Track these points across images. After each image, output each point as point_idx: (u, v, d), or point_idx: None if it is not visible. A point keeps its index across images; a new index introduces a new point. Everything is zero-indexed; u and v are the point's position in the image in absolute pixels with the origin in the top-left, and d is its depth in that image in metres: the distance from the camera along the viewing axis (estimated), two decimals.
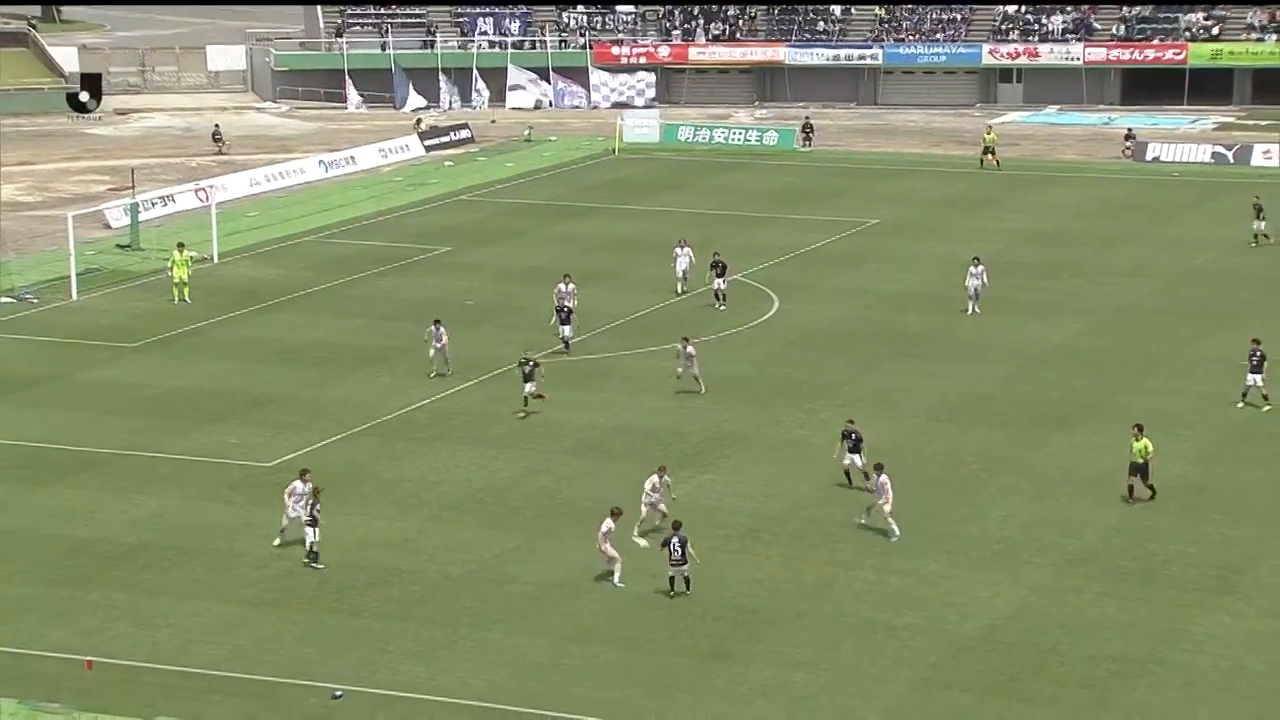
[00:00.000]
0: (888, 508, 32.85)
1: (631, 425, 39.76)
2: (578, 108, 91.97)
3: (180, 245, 51.36)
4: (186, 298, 49.85)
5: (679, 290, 51.30)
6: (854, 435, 35.40)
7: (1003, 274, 54.19)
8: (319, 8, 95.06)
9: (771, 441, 38.50)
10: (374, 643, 28.57)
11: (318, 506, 31.43)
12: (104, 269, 53.85)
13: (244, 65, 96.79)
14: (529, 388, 39.75)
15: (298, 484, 32.14)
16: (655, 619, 29.59)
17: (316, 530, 31.34)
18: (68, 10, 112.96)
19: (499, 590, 30.69)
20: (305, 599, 30.23)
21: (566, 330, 45.00)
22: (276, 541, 32.23)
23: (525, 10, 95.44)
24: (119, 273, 53.37)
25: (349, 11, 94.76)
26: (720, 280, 49.98)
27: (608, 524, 30.79)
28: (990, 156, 73.30)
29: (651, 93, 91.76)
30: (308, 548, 31.39)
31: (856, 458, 35.24)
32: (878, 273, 55.30)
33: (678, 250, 51.98)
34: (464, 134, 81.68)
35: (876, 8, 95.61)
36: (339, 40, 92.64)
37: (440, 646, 28.47)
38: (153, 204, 62.04)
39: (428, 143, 79.43)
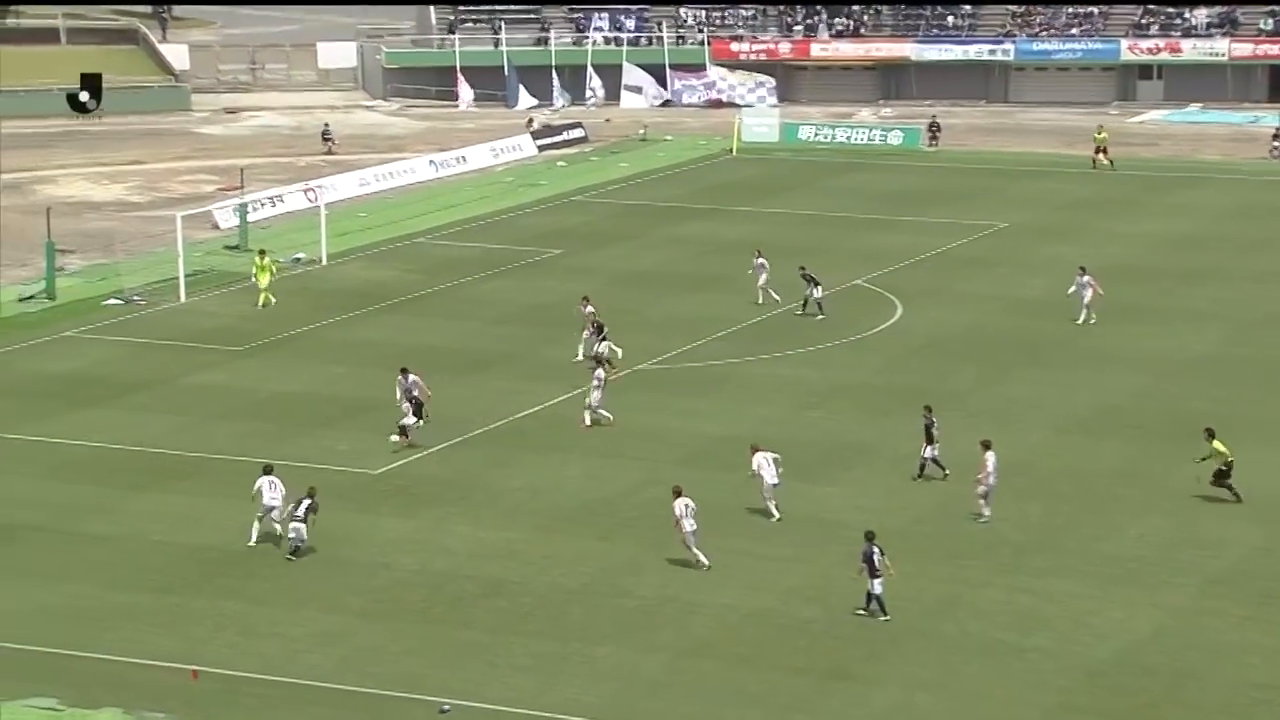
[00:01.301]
0: (980, 489, 32.72)
1: (745, 435, 39.55)
2: (694, 106, 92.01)
3: (261, 251, 52.13)
4: (270, 302, 50.52)
5: (759, 300, 50.39)
6: (930, 426, 35.82)
7: (1140, 280, 53.45)
8: (431, 5, 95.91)
9: (893, 453, 38.24)
10: (482, 656, 28.76)
11: (303, 507, 32.14)
12: (212, 270, 54.76)
13: (355, 63, 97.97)
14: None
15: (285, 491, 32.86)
16: (771, 635, 29.50)
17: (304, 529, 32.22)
18: (179, 9, 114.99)
19: (610, 604, 30.77)
20: (413, 610, 30.53)
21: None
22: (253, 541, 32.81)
23: (642, 6, 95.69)
24: (227, 274, 54.27)
25: (462, 8, 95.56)
26: (815, 289, 49.32)
27: (678, 506, 31.33)
28: (1102, 155, 72.32)
29: (771, 96, 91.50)
30: (291, 547, 32.21)
31: (931, 449, 35.77)
32: (1006, 278, 54.72)
33: (759, 261, 51.07)
34: (577, 133, 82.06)
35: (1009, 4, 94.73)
36: (451, 37, 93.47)
37: (550, 661, 28.60)
38: (261, 204, 63.03)
39: (540, 142, 79.89)
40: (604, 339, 43.76)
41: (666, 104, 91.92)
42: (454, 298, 52.58)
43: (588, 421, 39.71)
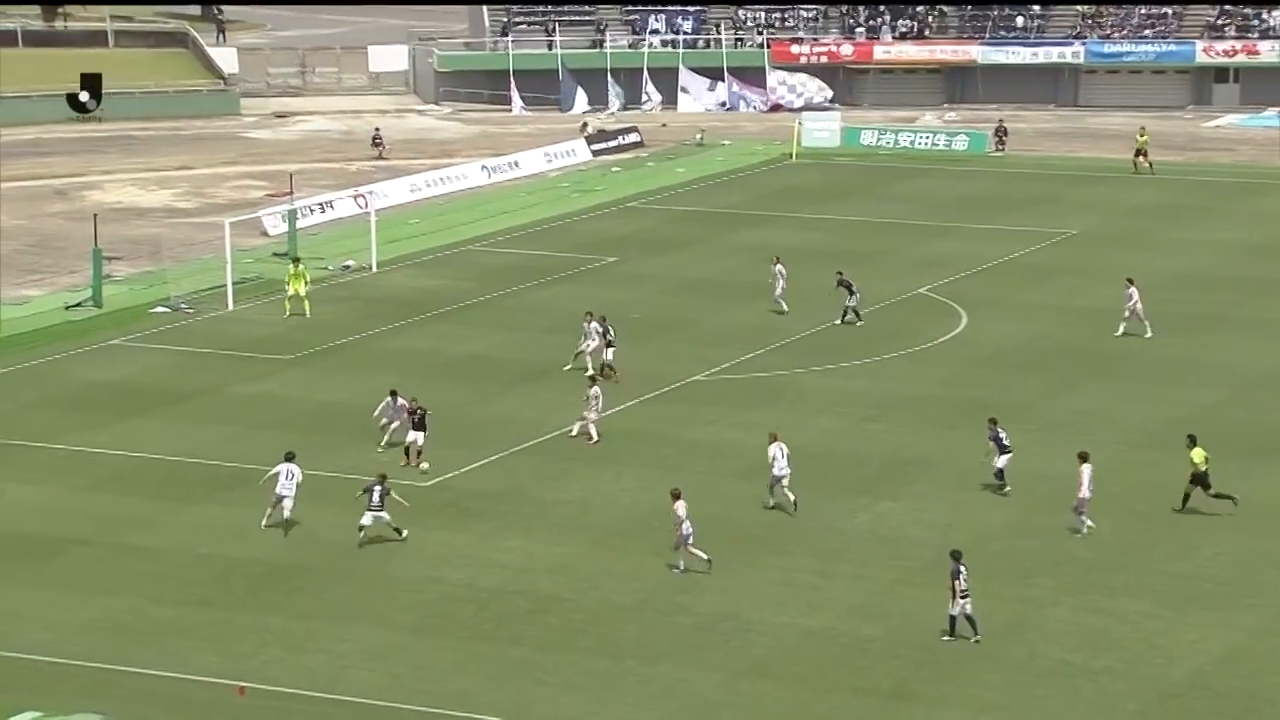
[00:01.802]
0: (1074, 502, 32.56)
1: (805, 448, 39.45)
2: (752, 110, 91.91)
3: (296, 259, 52.32)
4: (307, 312, 50.66)
5: (783, 310, 50.21)
6: (998, 436, 36.07)
7: (1213, 289, 52.93)
8: (484, 6, 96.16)
9: (958, 467, 37.99)
10: (533, 673, 28.73)
11: (377, 494, 33.37)
12: (260, 278, 55.04)
13: (406, 66, 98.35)
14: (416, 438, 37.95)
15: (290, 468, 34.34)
16: (832, 655, 29.34)
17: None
18: (228, 9, 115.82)
19: (666, 621, 30.68)
20: (462, 626, 30.54)
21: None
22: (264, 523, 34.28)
23: (699, 8, 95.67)
24: (276, 282, 54.50)
25: (515, 10, 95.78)
26: (852, 297, 49.24)
27: (678, 510, 32.05)
28: (1143, 159, 71.86)
29: (827, 95, 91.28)
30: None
31: (1003, 459, 35.92)
32: (1075, 287, 54.32)
33: (777, 268, 50.90)
34: (633, 138, 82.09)
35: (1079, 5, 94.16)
36: (504, 40, 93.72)
37: (603, 679, 28.53)
38: (311, 210, 63.35)
39: (595, 147, 79.98)
40: (610, 345, 44.03)
41: (724, 107, 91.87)
42: (506, 306, 52.67)
43: (595, 436, 39.40)
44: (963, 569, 29.35)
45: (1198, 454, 34.96)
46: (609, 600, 31.52)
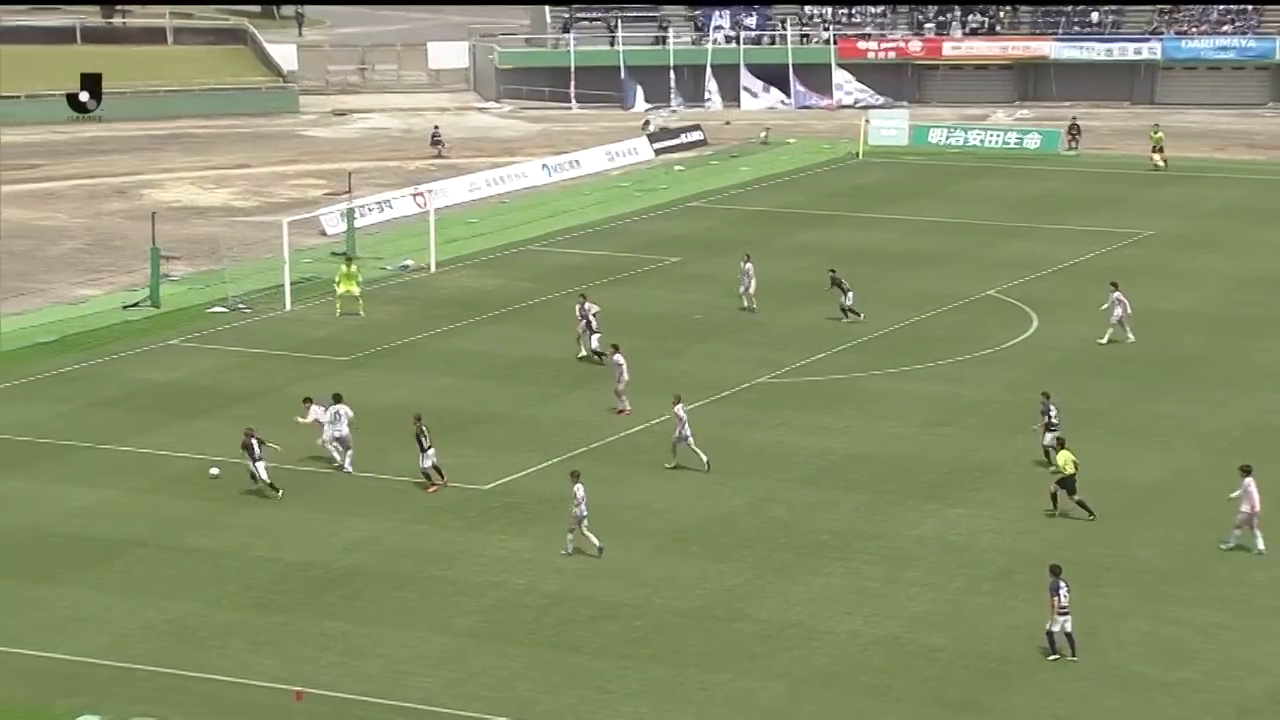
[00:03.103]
0: (1243, 514, 32.63)
1: (872, 452, 39.44)
2: (816, 108, 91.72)
3: (348, 259, 52.61)
4: (361, 311, 50.99)
5: (746, 305, 50.80)
6: (1048, 410, 36.63)
7: None
8: (546, 4, 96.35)
9: (1028, 473, 37.80)
10: (594, 681, 28.81)
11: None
12: (318, 278, 55.40)
13: (466, 63, 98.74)
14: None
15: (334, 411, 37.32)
16: (899, 664, 29.27)
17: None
18: (287, 8, 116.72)
19: (728, 628, 30.71)
20: (522, 631, 30.67)
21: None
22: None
23: (764, 3, 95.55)
24: (334, 282, 54.82)
25: (577, 6, 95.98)
26: (845, 296, 49.49)
27: (577, 491, 33.01)
28: (1158, 156, 71.88)
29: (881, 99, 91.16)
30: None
31: (1050, 436, 36.38)
32: (1150, 290, 53.89)
33: (746, 267, 51.17)
34: (696, 136, 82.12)
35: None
36: (565, 36, 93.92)
37: (665, 687, 28.58)
38: (369, 209, 63.74)
39: (657, 145, 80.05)
40: (595, 333, 45.42)
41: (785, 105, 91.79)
42: (566, 307, 52.69)
43: (627, 407, 40.91)
44: (1063, 585, 29.09)
45: (1064, 457, 35.05)
46: (670, 606, 31.56)
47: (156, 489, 37.65)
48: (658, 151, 79.50)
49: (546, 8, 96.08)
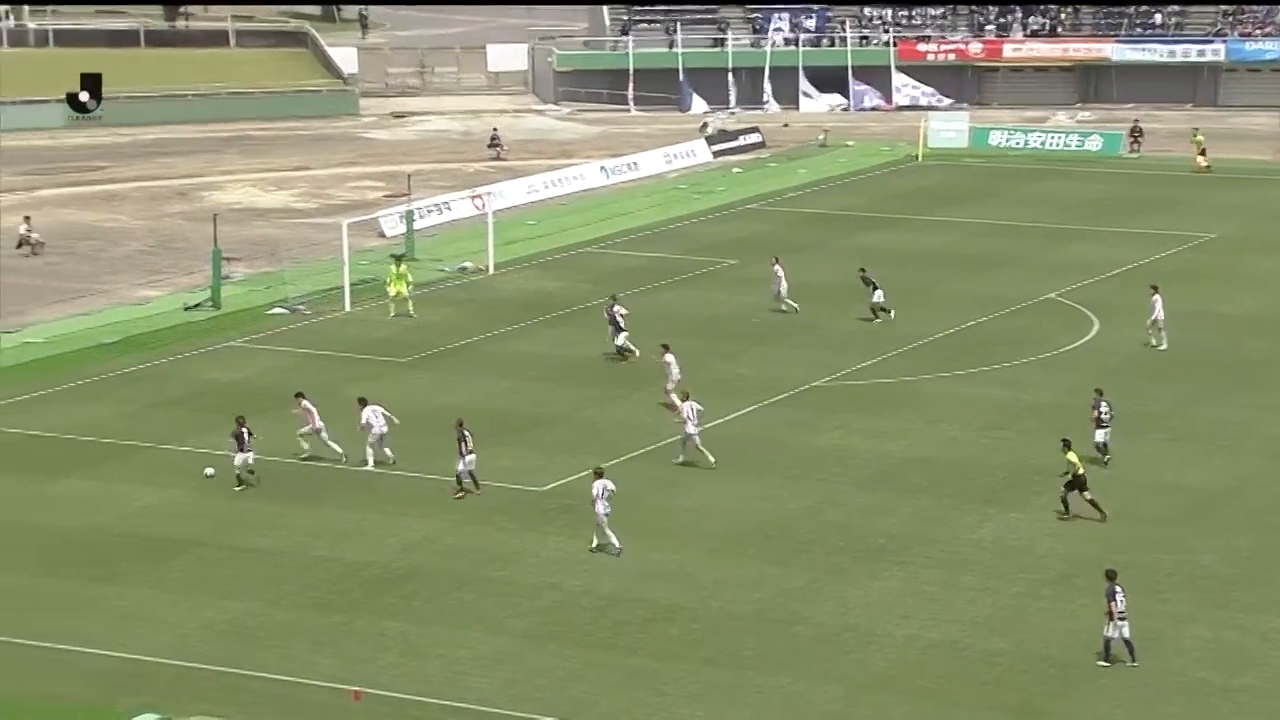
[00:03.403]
0: None
1: (931, 456, 39.32)
2: (876, 109, 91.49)
3: (398, 259, 52.83)
4: (411, 311, 51.24)
5: (783, 309, 51.07)
6: (1099, 404, 37.11)
7: None
8: (604, 6, 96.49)
9: (1088, 477, 37.53)
10: (651, 683, 28.86)
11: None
12: (377, 279, 55.65)
13: (525, 65, 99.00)
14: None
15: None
16: (956, 669, 29.18)
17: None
18: (348, 10, 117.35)
19: (785, 631, 30.70)
20: (579, 633, 30.75)
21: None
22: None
23: (823, 5, 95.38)
24: (385, 283, 55.10)
25: (636, 8, 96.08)
26: (876, 292, 49.64)
27: (596, 487, 33.36)
28: (1201, 158, 71.82)
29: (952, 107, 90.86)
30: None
31: (1101, 433, 37.04)
32: (1213, 293, 53.54)
33: (775, 269, 51.53)
34: (754, 138, 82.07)
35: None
36: (624, 39, 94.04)
37: (722, 690, 28.60)
38: (428, 211, 64.03)
39: (715, 148, 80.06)
40: (622, 331, 46.15)
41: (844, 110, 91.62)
42: (625, 309, 52.82)
43: (678, 404, 40.63)
44: (1119, 589, 28.91)
45: (1072, 457, 35.02)
46: (727, 609, 31.57)
47: (217, 489, 37.96)
48: (716, 154, 79.50)
49: (605, 10, 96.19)
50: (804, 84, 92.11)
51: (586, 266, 58.58)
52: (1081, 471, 34.93)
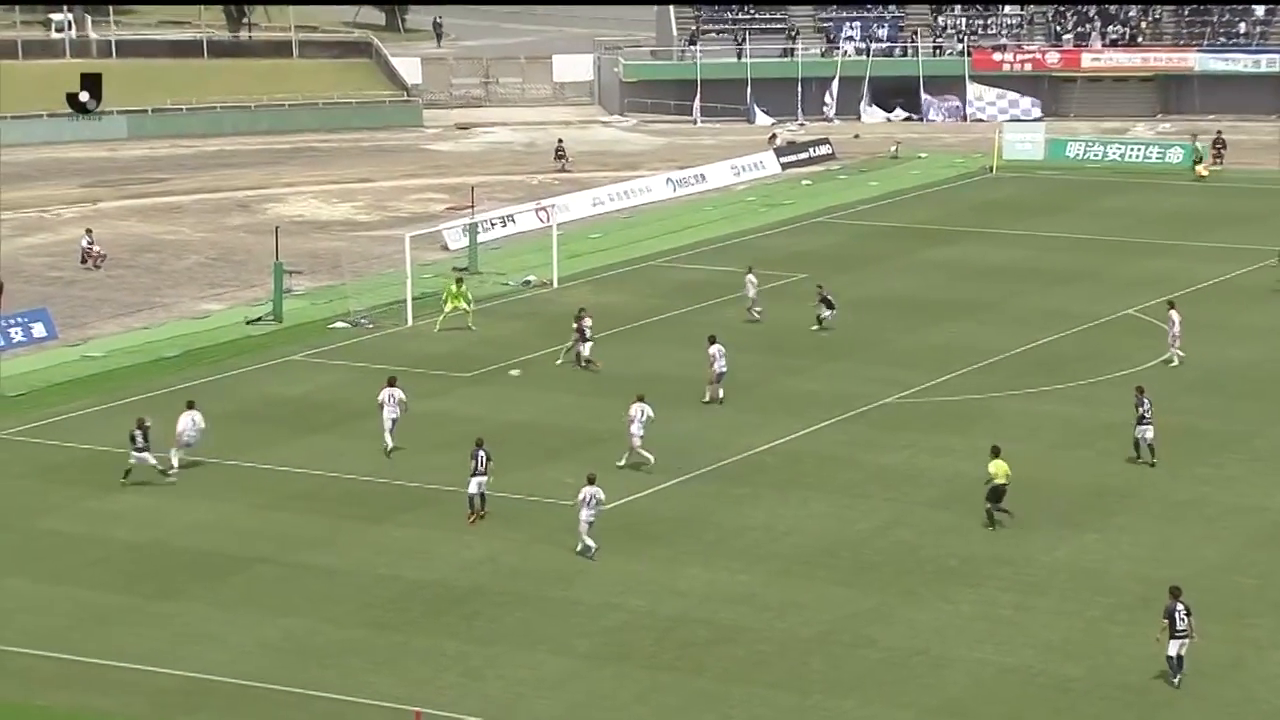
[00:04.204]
0: None
1: None
2: (949, 120, 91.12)
3: (459, 279, 52.85)
4: (470, 324, 51.38)
5: (755, 319, 51.64)
6: (1141, 403, 37.71)
7: None
8: (672, 10, 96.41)
9: (1167, 498, 37.25)
10: (716, 706, 28.77)
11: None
12: (440, 294, 55.84)
13: (591, 76, 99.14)
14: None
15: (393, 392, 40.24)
16: (1030, 695, 28.94)
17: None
18: (412, 19, 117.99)
19: (854, 654, 30.53)
20: (642, 654, 30.69)
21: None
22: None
23: (897, 13, 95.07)
24: (441, 300, 55.27)
25: (704, 17, 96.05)
26: (827, 311, 50.37)
27: (584, 493, 34.10)
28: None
29: (1034, 109, 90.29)
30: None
31: (1147, 430, 37.62)
32: None
33: (749, 278, 52.25)
34: (824, 150, 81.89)
35: None
36: (692, 49, 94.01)
37: (789, 714, 28.48)
38: (492, 224, 64.23)
39: (784, 159, 79.92)
40: (588, 341, 47.14)
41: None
42: (690, 324, 52.77)
43: (719, 395, 42.36)
44: (1180, 607, 28.68)
45: (996, 466, 34.95)
46: (794, 631, 31.44)
47: (277, 505, 38.17)
48: (785, 166, 79.37)
49: (673, 19, 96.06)
50: (865, 100, 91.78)
51: (651, 280, 58.58)
52: (1002, 483, 34.93)
